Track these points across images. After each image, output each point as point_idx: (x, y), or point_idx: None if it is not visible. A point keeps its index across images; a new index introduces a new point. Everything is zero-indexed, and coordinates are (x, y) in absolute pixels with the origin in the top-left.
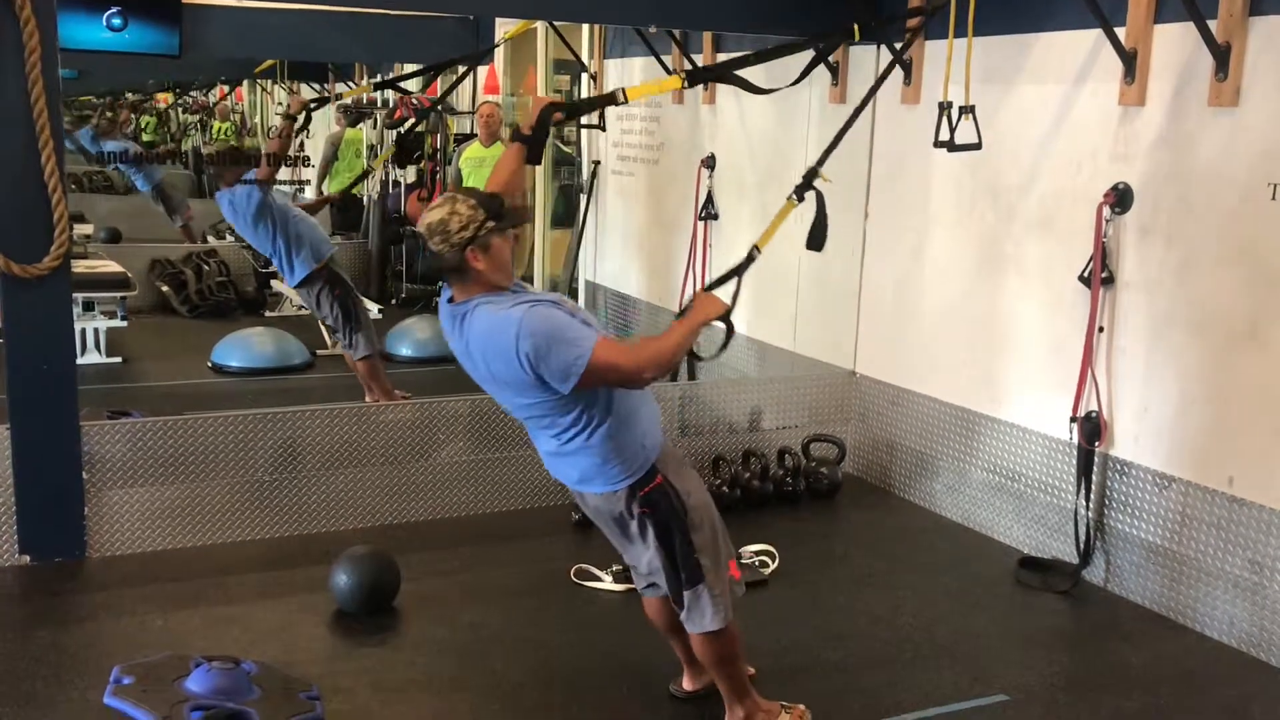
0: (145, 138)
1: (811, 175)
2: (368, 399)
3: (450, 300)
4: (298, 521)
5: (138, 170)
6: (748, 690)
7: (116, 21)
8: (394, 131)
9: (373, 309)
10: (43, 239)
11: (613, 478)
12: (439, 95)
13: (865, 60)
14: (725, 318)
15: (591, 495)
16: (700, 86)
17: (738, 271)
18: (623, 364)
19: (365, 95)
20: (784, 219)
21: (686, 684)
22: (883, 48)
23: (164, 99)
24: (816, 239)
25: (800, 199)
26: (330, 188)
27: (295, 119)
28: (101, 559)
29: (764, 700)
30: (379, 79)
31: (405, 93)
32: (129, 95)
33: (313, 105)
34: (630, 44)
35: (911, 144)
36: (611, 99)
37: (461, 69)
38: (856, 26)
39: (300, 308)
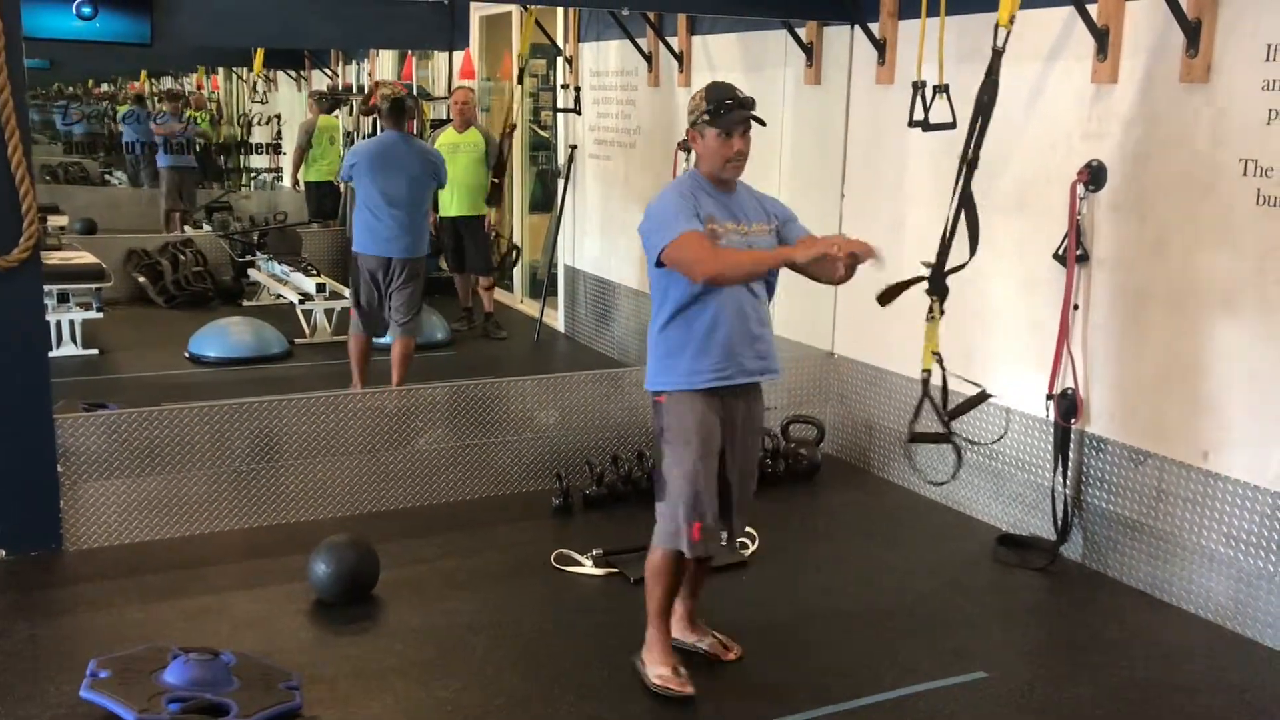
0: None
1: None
2: (394, 380)
3: None
4: (276, 511)
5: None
6: (657, 616)
7: (86, 10)
8: (369, 118)
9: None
10: (11, 230)
11: (650, 378)
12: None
13: (839, 41)
14: (815, 262)
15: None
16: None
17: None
18: (684, 258)
19: (341, 81)
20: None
21: (673, 630)
22: (857, 28)
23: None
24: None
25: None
26: (305, 175)
27: None
28: (78, 552)
29: (665, 647)
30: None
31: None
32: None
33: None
34: (605, 27)
35: (886, 124)
36: None
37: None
38: None
39: (278, 296)
